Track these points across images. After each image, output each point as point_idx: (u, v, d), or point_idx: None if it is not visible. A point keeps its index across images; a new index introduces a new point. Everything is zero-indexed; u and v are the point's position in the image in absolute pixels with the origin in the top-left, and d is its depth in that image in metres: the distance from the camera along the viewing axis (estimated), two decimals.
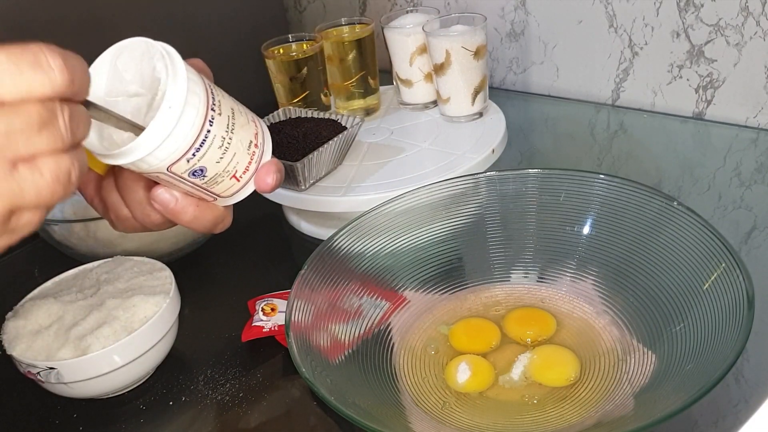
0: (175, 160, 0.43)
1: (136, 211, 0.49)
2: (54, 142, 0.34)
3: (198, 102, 0.42)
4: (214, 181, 0.46)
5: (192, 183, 0.45)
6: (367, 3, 1.20)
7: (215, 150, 0.44)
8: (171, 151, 0.42)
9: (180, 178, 0.45)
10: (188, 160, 0.43)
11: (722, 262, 0.52)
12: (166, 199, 0.47)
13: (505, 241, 0.65)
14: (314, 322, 0.56)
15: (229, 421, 0.59)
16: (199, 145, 0.43)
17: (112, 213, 0.50)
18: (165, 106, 0.41)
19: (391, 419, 0.52)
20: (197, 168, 0.44)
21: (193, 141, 0.43)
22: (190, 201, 0.48)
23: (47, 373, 0.57)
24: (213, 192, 0.47)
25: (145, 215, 0.48)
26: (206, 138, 0.43)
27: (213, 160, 0.45)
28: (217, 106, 0.44)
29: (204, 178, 0.46)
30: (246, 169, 0.48)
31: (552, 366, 0.56)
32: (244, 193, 0.50)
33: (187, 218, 0.48)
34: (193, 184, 0.46)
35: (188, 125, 0.42)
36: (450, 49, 0.81)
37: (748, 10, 0.81)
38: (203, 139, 0.43)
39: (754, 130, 0.85)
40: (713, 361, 0.46)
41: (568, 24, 0.97)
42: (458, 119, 0.86)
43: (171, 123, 0.41)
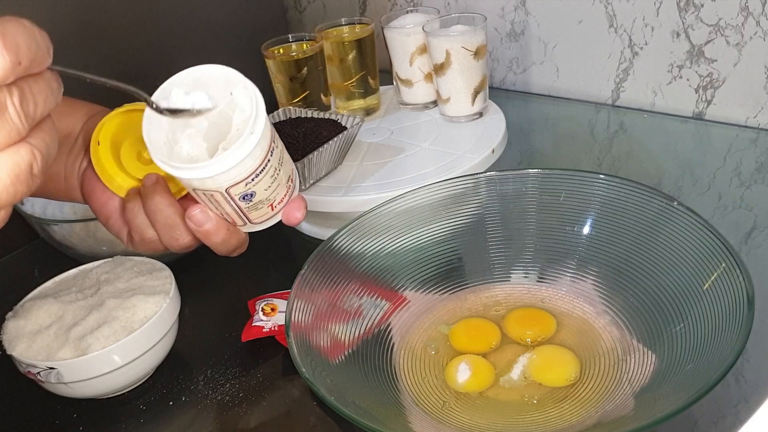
0: (238, 182, 0.45)
1: (164, 234, 0.49)
2: (7, 135, 0.30)
3: (268, 132, 0.45)
4: (255, 207, 0.49)
5: (237, 206, 0.48)
6: (367, 3, 1.20)
7: (268, 178, 0.47)
8: (239, 173, 0.44)
9: (230, 200, 0.47)
10: (246, 183, 0.46)
11: (722, 262, 0.52)
12: (202, 219, 0.48)
13: (505, 241, 0.65)
14: (314, 322, 0.56)
15: (229, 421, 0.59)
16: (260, 171, 0.46)
17: (137, 235, 0.50)
18: (248, 132, 0.43)
19: (391, 419, 0.52)
20: (249, 192, 0.47)
21: (257, 166, 0.45)
22: (223, 224, 0.49)
23: (47, 373, 0.57)
24: (248, 217, 0.50)
25: (173, 238, 0.49)
26: (266, 166, 0.46)
27: (263, 188, 0.47)
28: (276, 139, 0.48)
29: (249, 203, 0.48)
30: (281, 201, 0.51)
31: (552, 366, 0.56)
32: (271, 222, 0.52)
33: (218, 240, 0.49)
34: (237, 207, 0.48)
35: (260, 151, 0.45)
36: (450, 49, 0.81)
37: (748, 10, 0.81)
38: (264, 166, 0.46)
39: (754, 130, 0.85)
40: (713, 361, 0.46)
41: (568, 24, 0.97)
42: (458, 119, 0.86)
43: (250, 148, 0.43)
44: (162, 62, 1.06)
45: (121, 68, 1.00)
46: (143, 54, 1.03)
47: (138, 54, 1.02)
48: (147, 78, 1.16)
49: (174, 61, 1.10)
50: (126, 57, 1.01)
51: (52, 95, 0.33)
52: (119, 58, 1.00)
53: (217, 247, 0.50)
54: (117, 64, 1.00)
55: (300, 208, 0.52)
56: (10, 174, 0.30)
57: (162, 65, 1.07)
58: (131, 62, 1.02)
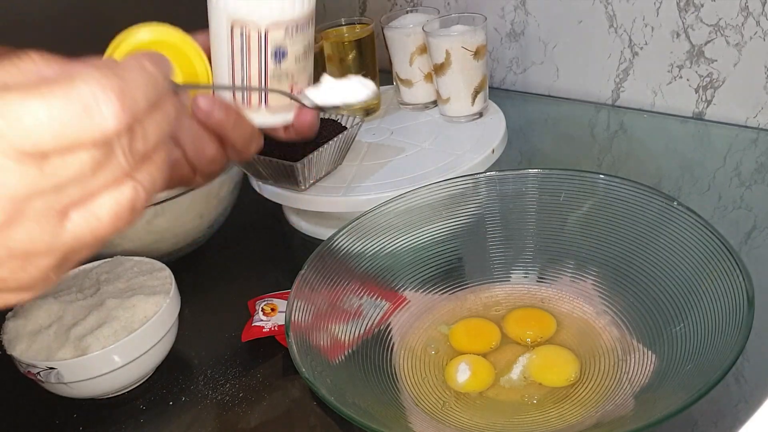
0: (281, 21, 0.44)
1: (189, 149, 0.48)
2: (111, 176, 0.29)
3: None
4: (278, 79, 0.47)
5: (265, 65, 0.46)
6: (367, 3, 1.20)
7: (303, 45, 0.45)
8: (287, 9, 0.43)
9: (263, 50, 0.45)
10: (287, 30, 0.44)
11: (722, 262, 0.52)
12: (208, 106, 0.46)
13: (505, 241, 0.65)
14: (314, 322, 0.56)
15: (229, 421, 0.59)
16: (303, 25, 0.44)
17: None
18: None
19: (391, 419, 0.52)
20: (284, 49, 0.45)
21: (304, 16, 0.44)
22: (231, 108, 0.47)
23: (47, 373, 0.57)
24: (266, 95, 0.48)
25: (199, 150, 0.48)
26: (308, 25, 0.45)
27: (296, 54, 0.46)
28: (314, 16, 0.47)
29: (279, 66, 0.46)
30: (300, 91, 0.48)
31: (552, 366, 0.56)
32: (283, 117, 0.51)
33: (229, 126, 0.48)
34: (264, 67, 0.46)
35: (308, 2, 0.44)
36: (450, 49, 0.81)
37: (748, 10, 0.81)
38: (308, 23, 0.44)
39: (754, 130, 0.85)
40: (713, 361, 0.46)
41: (568, 24, 0.97)
42: (458, 119, 0.86)
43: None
44: None
45: None
46: None
47: None
48: None
49: None
50: None
51: (167, 124, 0.32)
52: None
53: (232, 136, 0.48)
54: None
55: (311, 114, 0.51)
56: (110, 212, 0.30)
57: None
58: None
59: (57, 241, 0.29)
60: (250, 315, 0.67)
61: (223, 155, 0.50)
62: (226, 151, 0.50)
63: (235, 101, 0.50)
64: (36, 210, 0.27)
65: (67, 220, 0.28)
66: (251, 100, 0.49)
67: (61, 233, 0.28)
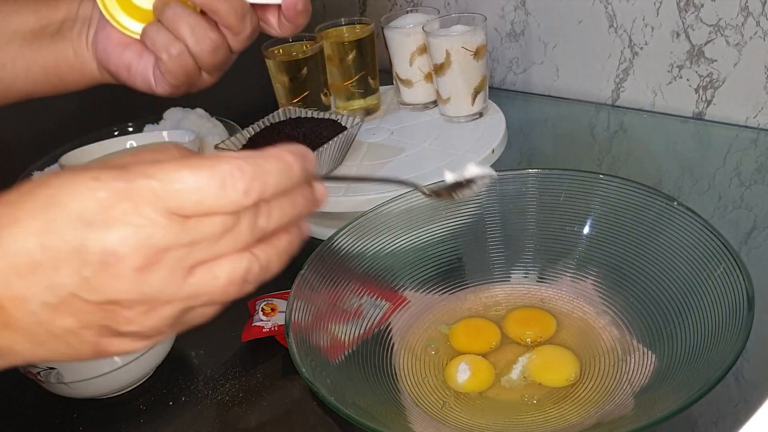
0: None
1: (190, 39, 0.51)
2: (234, 245, 0.33)
3: None
4: None
5: None
6: (367, 3, 1.20)
7: None
8: None
9: None
10: None
11: (722, 262, 0.52)
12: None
13: (505, 241, 0.65)
14: (314, 322, 0.56)
15: (229, 421, 0.59)
16: None
17: (164, 54, 0.52)
18: None
19: (391, 419, 0.52)
20: None
21: None
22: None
23: (47, 373, 0.57)
24: None
25: (200, 40, 0.51)
26: None
27: None
28: None
29: None
30: None
31: (552, 366, 0.56)
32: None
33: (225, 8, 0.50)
34: None
35: None
36: (450, 49, 0.81)
37: (748, 10, 0.81)
38: None
39: (754, 130, 0.85)
40: (713, 361, 0.46)
41: (568, 24, 0.97)
42: (458, 119, 0.86)
43: None
44: None
45: None
46: None
47: None
48: None
49: None
50: None
51: (292, 209, 0.36)
52: None
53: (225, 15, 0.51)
54: None
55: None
56: (226, 276, 0.33)
57: None
58: None
59: (180, 292, 0.32)
60: (250, 315, 0.67)
61: (223, 41, 0.52)
62: (226, 38, 0.52)
63: None
64: (171, 261, 0.31)
65: (191, 275, 0.32)
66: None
67: (184, 285, 0.32)
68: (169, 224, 0.31)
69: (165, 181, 0.31)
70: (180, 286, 0.32)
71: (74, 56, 0.57)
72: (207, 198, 0.31)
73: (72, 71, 0.57)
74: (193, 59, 0.52)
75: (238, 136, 0.79)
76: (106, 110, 0.93)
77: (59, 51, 0.57)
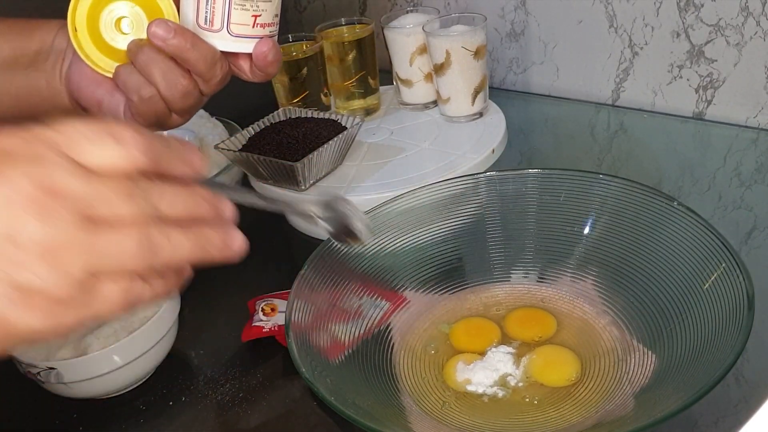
0: None
1: (161, 83, 0.51)
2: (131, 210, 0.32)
3: None
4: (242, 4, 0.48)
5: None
6: (367, 3, 1.20)
7: None
8: None
9: None
10: None
11: (722, 262, 0.52)
12: (164, 32, 0.49)
13: (505, 241, 0.65)
14: (314, 322, 0.56)
15: (229, 421, 0.59)
16: None
17: (135, 95, 0.52)
18: None
19: (391, 419, 0.52)
20: None
21: None
22: (187, 33, 0.50)
23: (47, 373, 0.57)
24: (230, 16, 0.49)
25: (171, 84, 0.51)
26: None
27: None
28: None
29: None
30: (263, 25, 0.50)
31: (552, 366, 0.56)
32: (244, 44, 0.51)
33: (188, 49, 0.50)
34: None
35: None
36: (450, 49, 0.81)
37: (748, 10, 0.81)
38: None
39: (754, 130, 0.85)
40: (713, 361, 0.46)
41: (568, 24, 0.97)
42: (458, 119, 0.86)
43: None
44: None
45: None
46: None
47: None
48: None
49: None
50: None
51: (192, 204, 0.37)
52: None
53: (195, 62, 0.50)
54: None
55: (272, 46, 0.52)
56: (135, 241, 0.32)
57: None
58: None
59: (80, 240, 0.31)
60: (250, 315, 0.67)
61: (194, 86, 0.52)
62: (197, 83, 0.52)
63: (197, 23, 0.51)
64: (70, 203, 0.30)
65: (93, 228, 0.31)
66: (213, 22, 0.49)
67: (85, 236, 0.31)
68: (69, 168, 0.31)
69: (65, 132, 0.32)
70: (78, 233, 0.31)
71: (47, 87, 0.57)
72: (105, 149, 0.32)
73: (44, 102, 0.57)
74: (164, 102, 0.52)
75: (238, 136, 0.79)
76: None
77: (32, 81, 0.56)
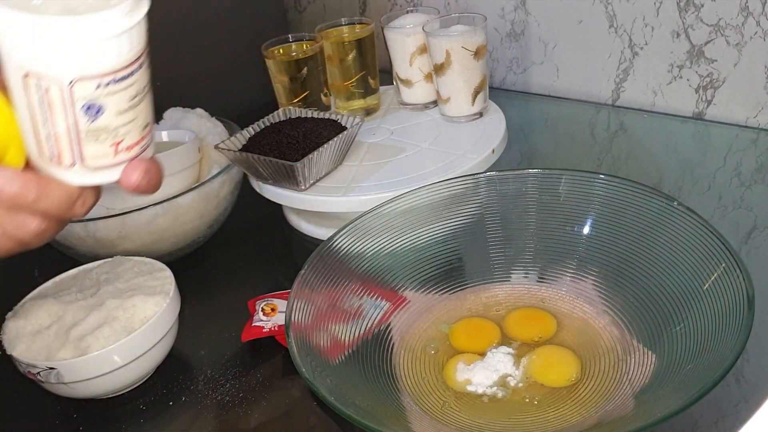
0: (90, 76, 0.36)
1: (9, 227, 0.42)
2: None
3: (144, 29, 0.37)
4: (95, 135, 0.38)
5: (74, 122, 0.37)
6: (367, 3, 1.20)
7: (127, 97, 0.38)
8: (98, 61, 0.35)
9: (69, 106, 0.37)
10: (99, 85, 0.36)
11: (722, 262, 0.52)
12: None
13: (505, 241, 0.65)
14: (314, 322, 0.56)
15: (229, 421, 0.59)
16: (122, 76, 0.37)
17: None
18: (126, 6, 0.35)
19: (391, 419, 0.52)
20: (99, 104, 0.37)
21: (123, 65, 0.36)
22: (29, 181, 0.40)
23: (47, 373, 0.57)
24: (81, 150, 0.39)
25: (20, 227, 0.42)
26: (131, 74, 0.37)
27: (117, 107, 0.38)
28: (147, 59, 0.38)
29: (92, 122, 0.38)
30: (129, 147, 0.40)
31: (552, 366, 0.56)
32: (107, 176, 0.41)
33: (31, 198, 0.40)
34: (74, 125, 0.38)
35: (129, 44, 0.36)
36: (450, 49, 0.81)
37: (748, 10, 0.81)
38: (131, 71, 0.37)
39: (754, 130, 0.85)
40: (713, 361, 0.46)
41: (568, 24, 0.97)
42: (458, 119, 0.86)
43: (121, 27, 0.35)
44: (161, 63, 1.05)
45: None
46: None
47: None
48: None
49: (173, 61, 1.10)
50: None
51: None
52: None
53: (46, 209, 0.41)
54: None
55: (141, 168, 0.41)
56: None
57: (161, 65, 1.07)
58: None
59: None
60: (250, 315, 0.67)
61: (49, 225, 0.43)
62: (53, 221, 0.43)
63: (41, 162, 0.40)
64: None
65: None
66: (61, 159, 0.39)
67: None
68: None
69: None
70: None
71: None
72: None
73: None
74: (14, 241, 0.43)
75: (238, 136, 0.79)
76: None
77: None
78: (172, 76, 1.06)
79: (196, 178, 0.80)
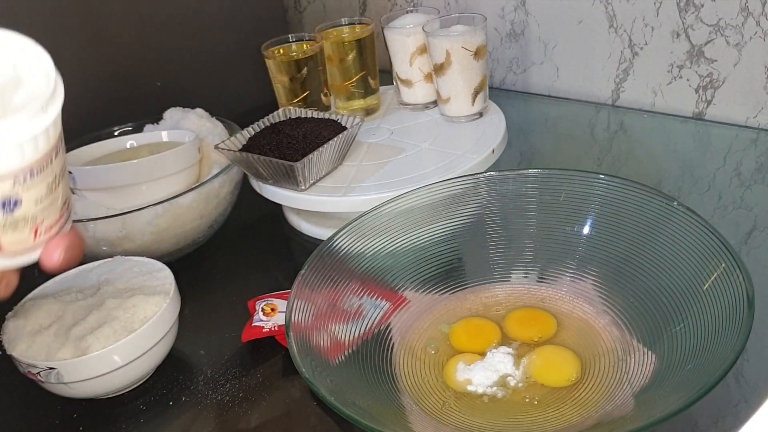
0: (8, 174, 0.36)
1: None
2: None
3: (59, 125, 0.37)
4: (14, 226, 0.38)
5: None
6: (367, 3, 1.20)
7: (44, 187, 0.38)
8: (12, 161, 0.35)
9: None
10: (16, 182, 0.36)
11: (722, 262, 0.52)
12: None
13: (505, 241, 0.65)
14: (314, 322, 0.56)
15: (229, 421, 0.59)
16: (38, 170, 0.37)
17: None
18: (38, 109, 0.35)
19: (391, 419, 0.52)
20: (16, 198, 0.37)
21: (37, 162, 0.36)
22: None
23: (47, 373, 0.57)
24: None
25: None
26: (46, 166, 0.37)
27: (34, 198, 0.38)
28: (62, 140, 0.38)
29: (9, 216, 0.38)
30: (50, 228, 0.40)
31: (552, 366, 0.56)
32: (27, 258, 0.41)
33: None
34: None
35: (45, 142, 0.36)
36: (450, 49, 0.81)
37: (748, 10, 0.81)
38: (45, 165, 0.37)
39: (754, 130, 0.85)
40: (713, 361, 0.46)
41: (568, 24, 0.97)
42: (458, 119, 0.86)
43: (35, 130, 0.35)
44: (161, 63, 1.06)
45: (120, 69, 1.00)
46: (142, 54, 1.03)
47: (137, 54, 1.02)
48: (145, 78, 1.16)
49: (173, 62, 1.10)
50: (125, 58, 1.01)
51: None
52: (118, 59, 1.00)
53: None
54: (116, 65, 1.00)
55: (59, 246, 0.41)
56: None
57: (161, 66, 1.07)
58: (130, 63, 1.02)
59: None
60: (250, 315, 0.67)
61: None
62: None
63: None
64: None
65: None
66: None
67: None
68: None
69: None
70: None
71: None
72: None
73: None
74: None
75: (238, 136, 0.79)
76: (106, 110, 0.93)
77: None
78: (172, 76, 1.07)
79: (196, 178, 0.80)
